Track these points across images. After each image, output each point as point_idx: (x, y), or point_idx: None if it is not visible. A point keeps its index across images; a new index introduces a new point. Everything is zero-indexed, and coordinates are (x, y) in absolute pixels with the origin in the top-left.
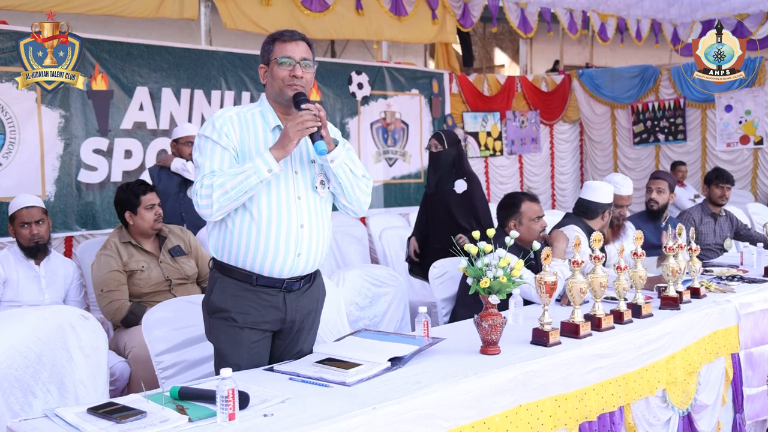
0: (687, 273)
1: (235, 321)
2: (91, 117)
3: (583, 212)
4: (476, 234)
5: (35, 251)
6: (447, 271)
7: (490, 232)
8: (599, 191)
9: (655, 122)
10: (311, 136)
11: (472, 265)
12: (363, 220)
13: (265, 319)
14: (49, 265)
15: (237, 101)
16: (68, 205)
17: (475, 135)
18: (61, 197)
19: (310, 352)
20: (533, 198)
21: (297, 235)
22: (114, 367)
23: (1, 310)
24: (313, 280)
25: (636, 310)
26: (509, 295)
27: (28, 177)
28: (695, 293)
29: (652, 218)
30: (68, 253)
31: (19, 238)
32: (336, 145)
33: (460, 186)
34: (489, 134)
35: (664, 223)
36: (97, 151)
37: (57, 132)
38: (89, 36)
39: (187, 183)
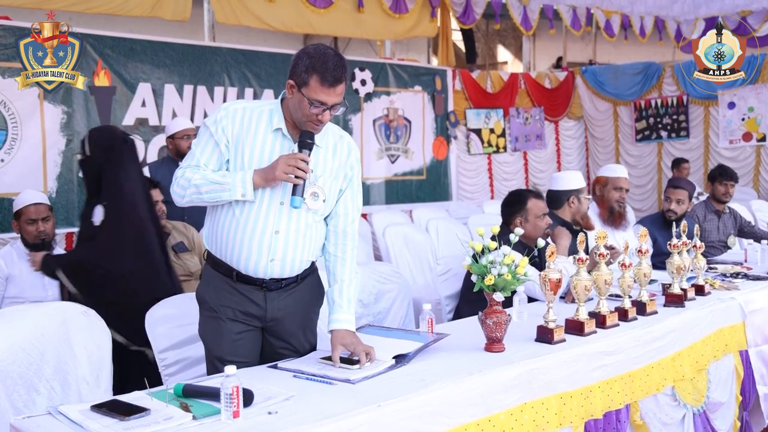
0: (691, 270)
1: (216, 312)
2: (94, 113)
3: (550, 203)
4: None
5: (40, 248)
6: (451, 268)
7: None
8: (560, 180)
9: (658, 119)
10: (293, 185)
11: (477, 262)
12: (365, 217)
13: (244, 312)
14: None
15: (240, 97)
16: (70, 201)
17: (478, 132)
18: (63, 193)
19: (311, 350)
20: (538, 195)
21: (270, 240)
22: None
23: (4, 307)
24: (300, 280)
25: (641, 308)
26: (513, 292)
27: (30, 173)
28: (700, 291)
29: (666, 225)
30: (69, 249)
31: (25, 234)
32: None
33: (98, 215)
34: (492, 131)
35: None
36: None
37: (59, 128)
38: (92, 32)
39: None
